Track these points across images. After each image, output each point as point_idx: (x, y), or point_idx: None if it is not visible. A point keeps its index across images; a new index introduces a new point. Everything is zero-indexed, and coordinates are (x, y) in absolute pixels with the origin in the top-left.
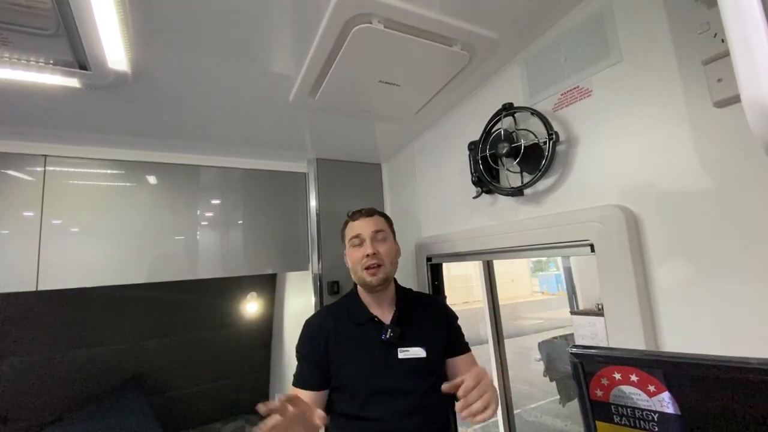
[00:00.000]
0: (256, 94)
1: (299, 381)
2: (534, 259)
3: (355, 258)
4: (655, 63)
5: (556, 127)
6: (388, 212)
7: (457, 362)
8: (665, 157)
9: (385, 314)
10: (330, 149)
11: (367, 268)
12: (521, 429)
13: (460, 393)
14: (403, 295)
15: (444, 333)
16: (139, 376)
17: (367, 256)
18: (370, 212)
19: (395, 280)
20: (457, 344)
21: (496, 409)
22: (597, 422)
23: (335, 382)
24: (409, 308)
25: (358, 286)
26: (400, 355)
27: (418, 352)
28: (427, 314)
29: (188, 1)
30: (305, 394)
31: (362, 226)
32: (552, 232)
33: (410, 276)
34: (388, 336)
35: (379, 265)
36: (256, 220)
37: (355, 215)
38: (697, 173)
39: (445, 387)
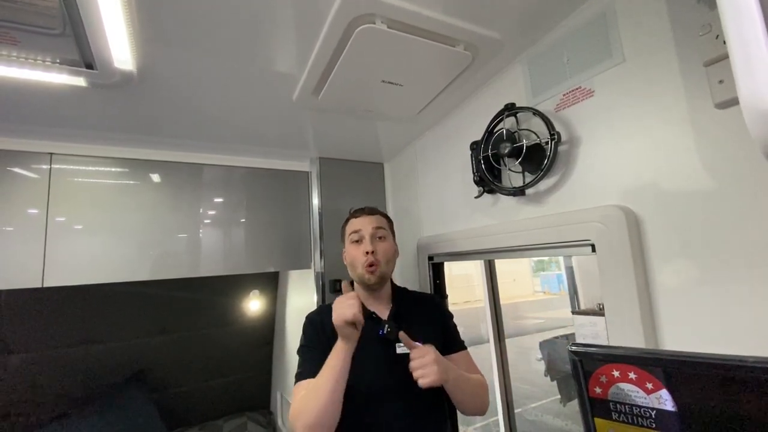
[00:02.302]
0: (259, 93)
1: (308, 372)
2: (535, 259)
3: (354, 255)
4: (657, 64)
5: (558, 128)
6: (389, 211)
7: (453, 360)
8: (666, 157)
9: (381, 311)
10: (333, 148)
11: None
12: (522, 428)
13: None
14: (399, 293)
15: (441, 329)
16: (142, 373)
17: (367, 253)
18: (372, 211)
19: (391, 279)
20: (453, 342)
21: (432, 380)
22: (595, 419)
23: None
24: (406, 305)
25: (355, 284)
26: (399, 350)
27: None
28: (424, 311)
29: (194, 2)
30: None
31: (363, 223)
32: (553, 232)
33: (412, 275)
34: (385, 331)
35: (376, 264)
36: (258, 218)
37: (357, 212)
38: (698, 174)
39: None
